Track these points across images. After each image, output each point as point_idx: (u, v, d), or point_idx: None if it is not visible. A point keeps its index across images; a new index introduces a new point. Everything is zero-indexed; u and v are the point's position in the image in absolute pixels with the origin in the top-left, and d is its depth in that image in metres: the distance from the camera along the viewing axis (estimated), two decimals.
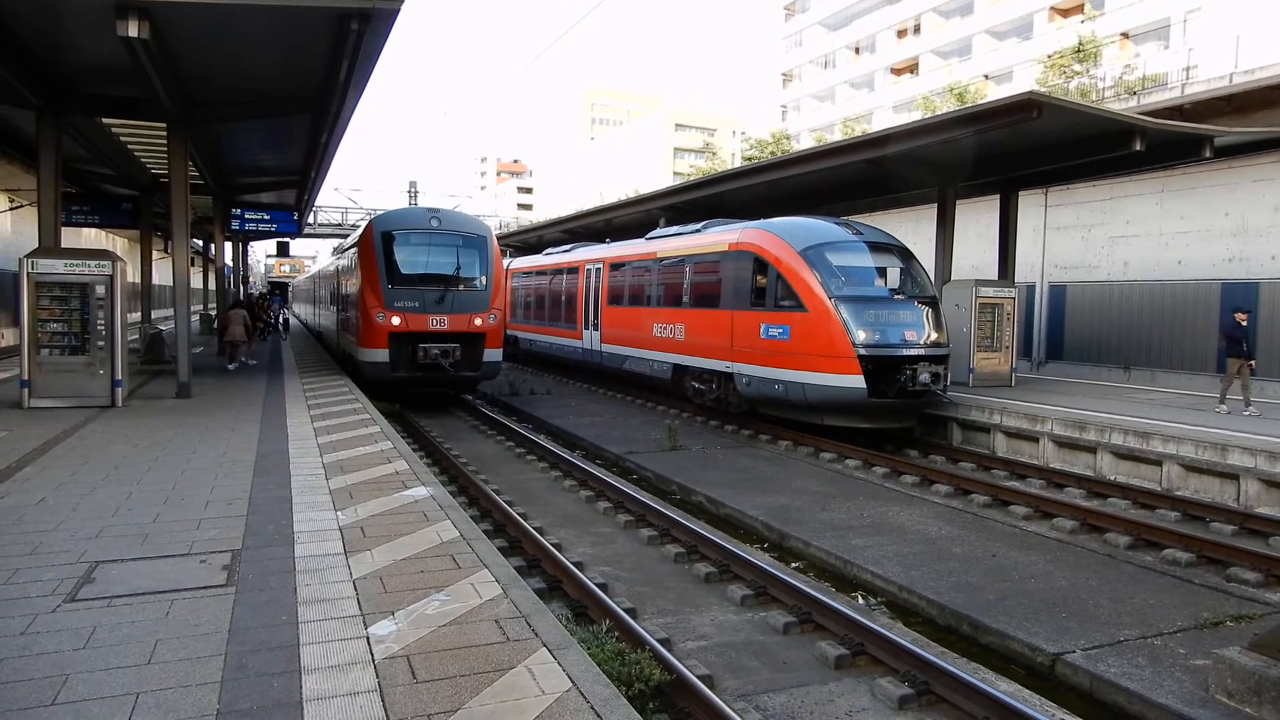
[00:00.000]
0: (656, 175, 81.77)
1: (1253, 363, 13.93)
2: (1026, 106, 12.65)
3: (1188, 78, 32.27)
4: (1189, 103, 19.30)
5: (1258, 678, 5.20)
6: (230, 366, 19.78)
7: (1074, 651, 6.17)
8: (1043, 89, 32.48)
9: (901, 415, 14.43)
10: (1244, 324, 13.63)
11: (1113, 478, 12.05)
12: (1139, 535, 9.14)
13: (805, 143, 61.47)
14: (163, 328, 24.01)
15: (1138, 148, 13.92)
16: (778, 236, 15.03)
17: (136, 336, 22.20)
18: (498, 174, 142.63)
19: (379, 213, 20.30)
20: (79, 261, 13.08)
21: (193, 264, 35.38)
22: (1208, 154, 15.16)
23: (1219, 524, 9.77)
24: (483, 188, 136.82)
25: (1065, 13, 52.75)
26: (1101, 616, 6.85)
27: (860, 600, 7.59)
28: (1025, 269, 21.83)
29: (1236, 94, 18.49)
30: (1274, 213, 17.84)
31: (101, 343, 13.09)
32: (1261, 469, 10.42)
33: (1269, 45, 31.67)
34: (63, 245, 14.04)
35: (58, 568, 5.74)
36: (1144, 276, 20.40)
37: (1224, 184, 18.75)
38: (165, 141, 14.90)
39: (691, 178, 42.25)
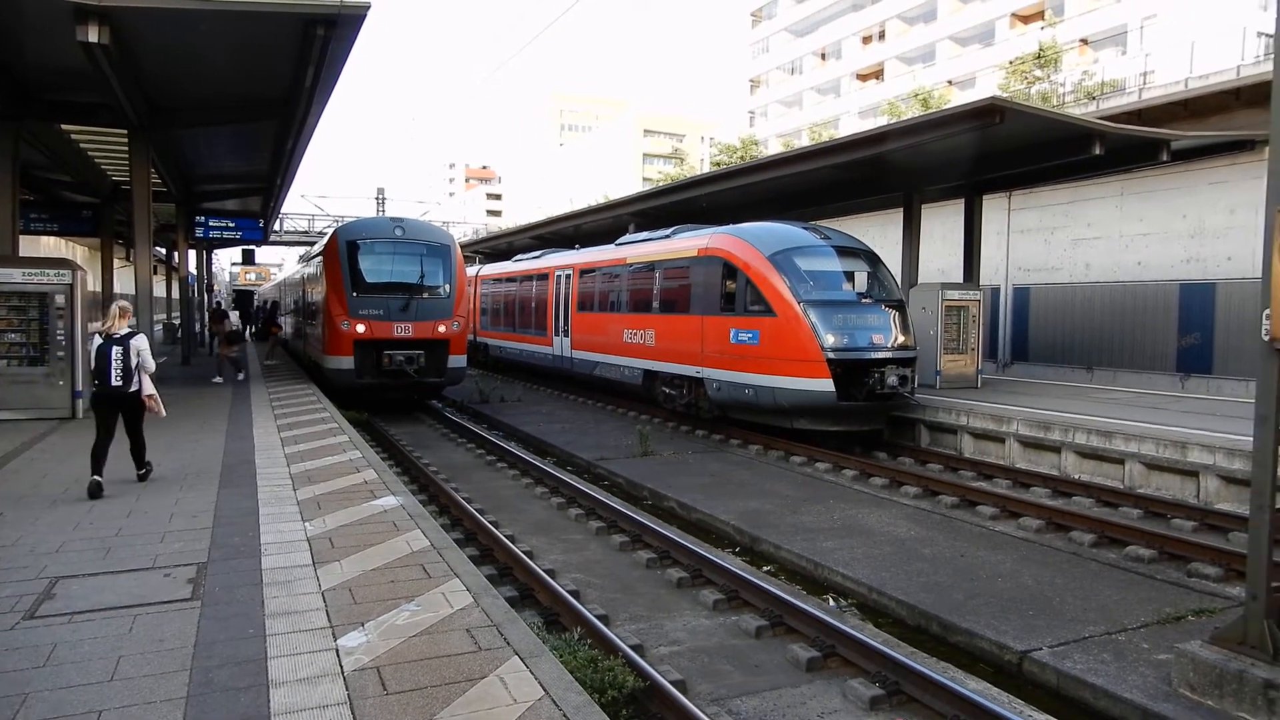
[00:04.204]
0: (626, 181, 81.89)
1: None
2: (989, 112, 12.84)
3: (1145, 83, 32.93)
4: (1146, 107, 19.72)
5: (1219, 671, 5.30)
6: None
7: (1041, 649, 6.25)
8: (1005, 94, 32.97)
9: (870, 418, 14.55)
10: None
11: (1077, 477, 12.22)
12: (1103, 533, 9.29)
13: (773, 148, 61.94)
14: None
15: (1097, 152, 14.18)
16: (747, 242, 15.11)
17: None
18: (466, 180, 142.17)
19: (345, 221, 20.26)
20: (37, 271, 12.84)
21: (155, 273, 34.82)
22: (1165, 157, 15.49)
23: (1180, 520, 9.96)
24: (451, 194, 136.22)
25: (1026, 19, 53.68)
26: (1067, 613, 6.95)
27: (831, 602, 7.64)
28: (990, 272, 22.15)
29: (1192, 99, 18.92)
30: (1229, 215, 18.26)
31: (61, 353, 12.87)
32: (1220, 466, 10.63)
33: (1222, 51, 32.42)
34: (21, 254, 13.76)
35: (16, 584, 5.62)
36: (1105, 278, 20.78)
37: (1181, 187, 19.16)
38: (126, 148, 14.67)
39: (661, 183, 42.36)
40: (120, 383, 8.12)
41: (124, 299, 8.74)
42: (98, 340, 8.18)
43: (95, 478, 8.08)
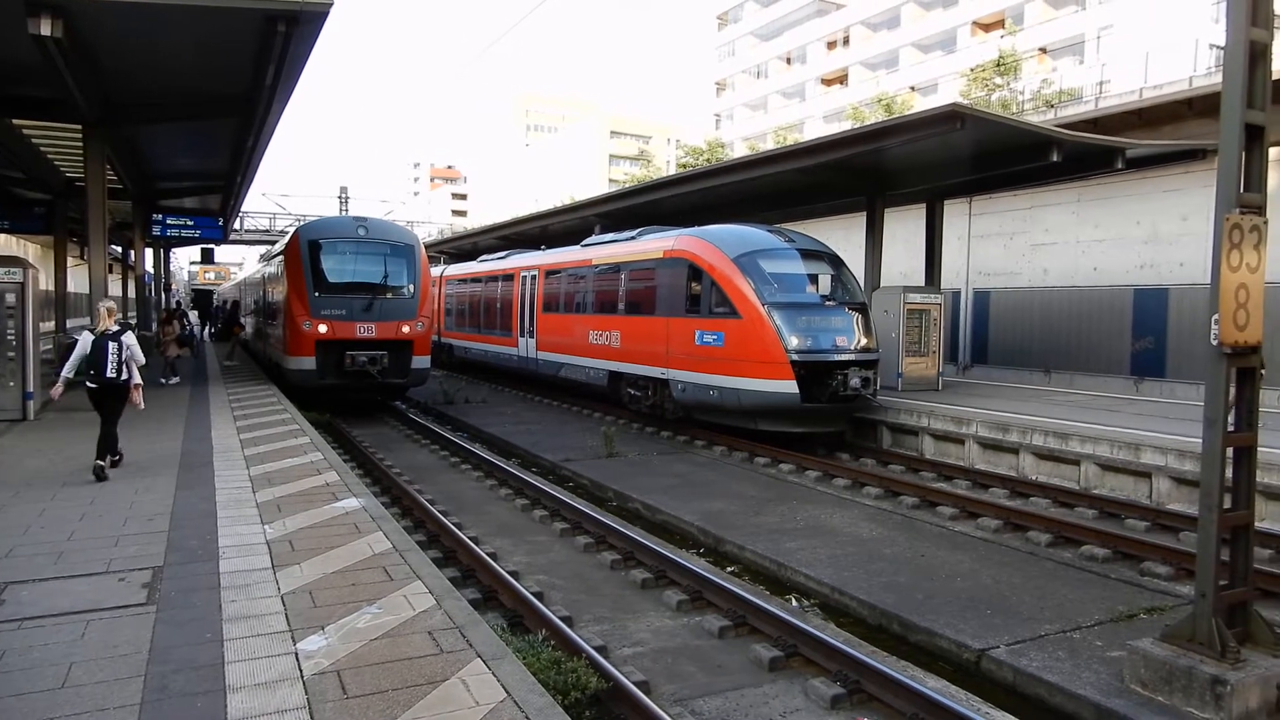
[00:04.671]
0: (592, 182, 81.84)
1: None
2: (951, 118, 13.02)
3: (1101, 92, 33.64)
4: (1103, 116, 20.10)
5: (1169, 667, 5.43)
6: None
7: (998, 647, 6.35)
8: (966, 101, 33.48)
9: (833, 419, 14.69)
10: None
11: (1034, 477, 12.44)
12: (1059, 533, 9.46)
13: (739, 151, 62.26)
14: (78, 338, 23.06)
15: (1055, 159, 14.44)
16: (712, 244, 15.18)
17: (50, 347, 21.34)
18: (431, 180, 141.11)
19: (307, 220, 20.03)
20: None
21: (111, 271, 34.10)
22: (1120, 165, 15.83)
23: (1133, 520, 10.17)
24: (416, 194, 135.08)
25: (987, 27, 54.55)
26: (1024, 612, 7.08)
27: (794, 602, 7.69)
28: (951, 276, 22.43)
29: (1146, 108, 19.32)
30: (1182, 222, 18.70)
31: (12, 353, 12.56)
32: (1172, 467, 10.89)
33: (1176, 62, 33.22)
34: None
35: None
36: (1062, 283, 21.17)
37: (1136, 194, 19.58)
38: (81, 144, 14.36)
39: (627, 185, 42.39)
40: (114, 374, 8.94)
41: (110, 299, 9.95)
42: (90, 336, 9.03)
43: (113, 457, 9.18)
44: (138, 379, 9.27)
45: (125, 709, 3.95)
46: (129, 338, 9.15)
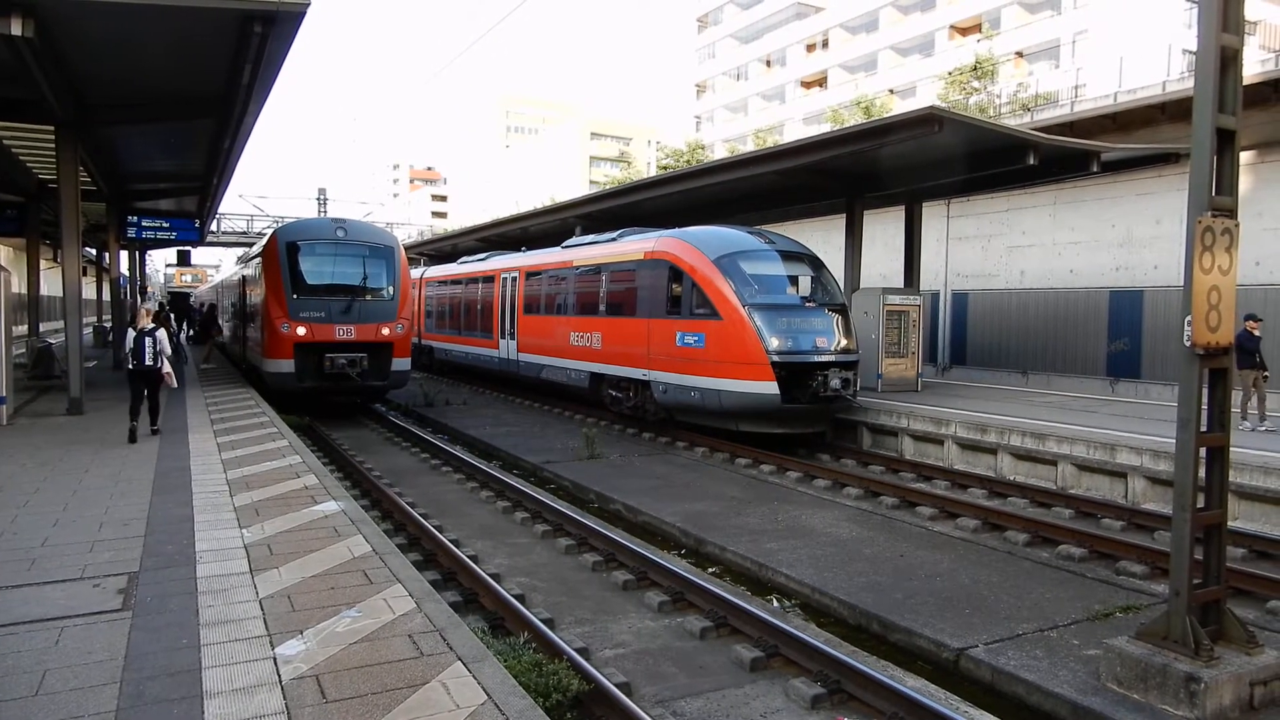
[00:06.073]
0: (572, 183, 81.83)
1: (1267, 374, 12.87)
2: (928, 121, 13.12)
3: (1076, 95, 33.97)
4: (1078, 120, 20.33)
5: (1144, 665, 5.49)
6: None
7: (977, 646, 6.40)
8: (944, 104, 33.75)
9: (814, 420, 14.75)
10: (1256, 333, 12.61)
11: (1012, 478, 12.56)
12: (1036, 533, 9.55)
13: (719, 153, 62.44)
14: (52, 341, 22.78)
15: (1032, 162, 14.59)
16: (693, 245, 15.21)
17: (23, 351, 21.07)
18: (411, 181, 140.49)
19: (285, 222, 19.88)
20: None
21: (85, 274, 33.69)
22: (1095, 168, 16.02)
23: (1109, 520, 10.29)
24: (395, 195, 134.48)
25: (964, 31, 55.00)
26: (1002, 611, 7.13)
27: (775, 603, 7.72)
28: (930, 277, 22.62)
29: (1120, 112, 19.57)
30: (1155, 224, 18.94)
31: None
32: (1147, 467, 11.01)
33: (1150, 67, 33.64)
34: None
35: None
36: (1039, 285, 21.39)
37: (1110, 197, 19.83)
38: (53, 145, 14.18)
39: (607, 186, 42.40)
40: (152, 362, 11.52)
41: (147, 302, 11.28)
42: (131, 333, 11.57)
43: (133, 424, 11.33)
44: (168, 366, 11.75)
45: (100, 716, 3.90)
46: (161, 334, 11.70)
